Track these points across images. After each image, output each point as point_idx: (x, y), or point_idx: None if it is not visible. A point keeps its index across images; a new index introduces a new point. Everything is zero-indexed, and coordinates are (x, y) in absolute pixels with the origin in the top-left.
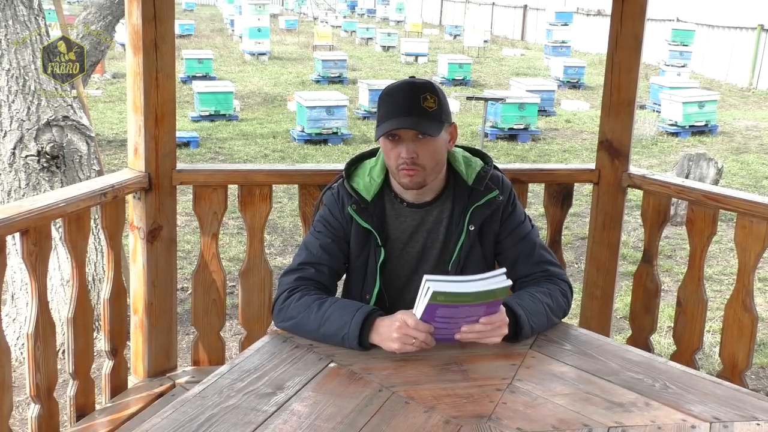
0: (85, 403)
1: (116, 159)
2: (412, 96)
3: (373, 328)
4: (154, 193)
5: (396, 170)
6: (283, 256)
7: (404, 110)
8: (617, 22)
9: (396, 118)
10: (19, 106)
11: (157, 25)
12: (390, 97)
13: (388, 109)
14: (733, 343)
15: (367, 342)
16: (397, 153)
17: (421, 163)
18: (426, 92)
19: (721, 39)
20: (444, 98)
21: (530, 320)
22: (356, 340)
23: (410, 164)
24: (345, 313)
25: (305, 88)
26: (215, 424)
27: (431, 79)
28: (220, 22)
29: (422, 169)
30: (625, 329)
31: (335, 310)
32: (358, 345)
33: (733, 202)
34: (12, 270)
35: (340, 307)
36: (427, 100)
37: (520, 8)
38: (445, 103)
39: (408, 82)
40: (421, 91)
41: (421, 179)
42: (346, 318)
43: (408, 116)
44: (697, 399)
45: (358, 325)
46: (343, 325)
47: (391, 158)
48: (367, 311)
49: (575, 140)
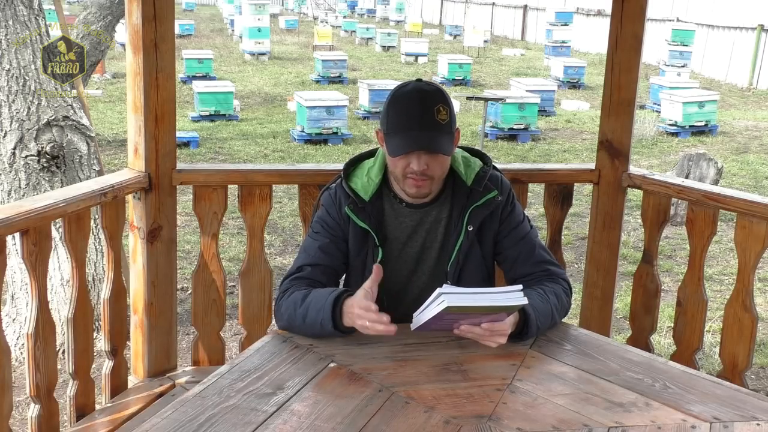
0: (85, 403)
1: (116, 159)
2: (426, 108)
3: (343, 308)
4: (154, 193)
5: (402, 178)
6: (283, 256)
7: (417, 124)
8: (617, 22)
9: (409, 131)
10: (20, 106)
11: (157, 25)
12: (401, 105)
13: (399, 119)
14: (733, 343)
15: (341, 324)
16: (406, 163)
17: (431, 174)
18: (438, 103)
19: (721, 39)
20: (452, 106)
21: (538, 320)
22: (330, 323)
23: (419, 175)
24: (320, 299)
25: (305, 88)
26: (215, 424)
27: (431, 80)
28: (220, 22)
29: (431, 180)
30: (625, 329)
31: (312, 299)
32: (334, 329)
33: (733, 202)
34: (12, 270)
35: (316, 295)
36: (440, 112)
37: (520, 8)
38: (453, 110)
39: (420, 90)
40: (433, 101)
41: (427, 190)
42: (320, 303)
43: (422, 131)
44: (697, 399)
45: (329, 308)
46: (318, 311)
47: (399, 167)
48: (336, 295)
49: (575, 140)
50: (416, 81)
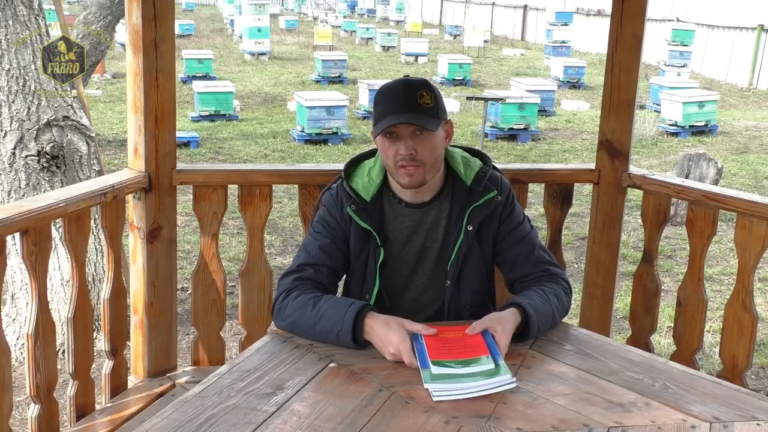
0: (85, 403)
1: (116, 159)
2: (408, 93)
3: (366, 324)
4: (154, 193)
5: (395, 169)
6: (283, 256)
7: (401, 107)
8: (617, 22)
9: (393, 115)
10: (20, 106)
11: (157, 25)
12: (385, 95)
13: (384, 107)
14: (733, 343)
15: (361, 338)
16: (395, 150)
17: (420, 158)
18: (422, 89)
19: (721, 39)
20: (439, 95)
21: (539, 321)
22: (350, 336)
23: (409, 160)
24: (338, 309)
25: (305, 88)
26: (215, 424)
27: (431, 80)
28: (220, 22)
29: (422, 166)
30: (625, 329)
31: (329, 307)
32: (353, 342)
33: (733, 202)
34: (12, 270)
35: (334, 304)
36: (424, 96)
37: (520, 8)
38: (440, 99)
39: (403, 81)
40: (416, 88)
41: (420, 177)
42: (339, 314)
43: (405, 113)
44: (697, 399)
45: (350, 321)
46: (336, 322)
47: (390, 156)
48: (359, 307)
49: (575, 140)
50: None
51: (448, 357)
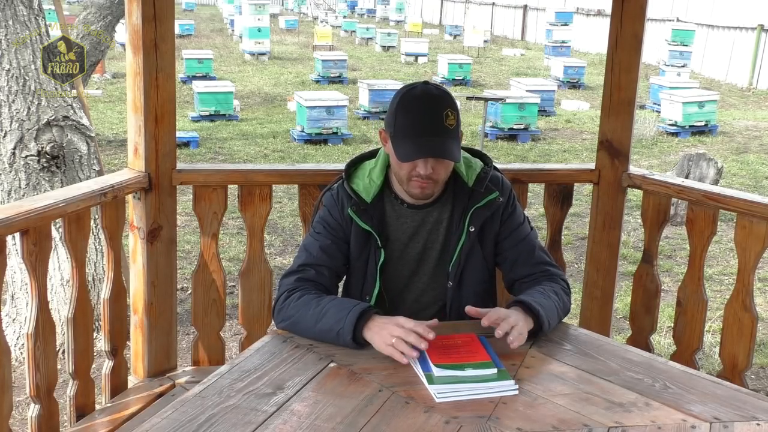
0: (85, 403)
1: (116, 159)
2: (435, 113)
3: (367, 326)
4: (154, 193)
5: (406, 180)
6: (283, 256)
7: (427, 130)
8: (617, 22)
9: (419, 138)
10: (20, 106)
11: (157, 25)
12: (410, 110)
13: (408, 124)
14: (733, 343)
15: (361, 338)
16: (412, 167)
17: (436, 178)
18: (447, 108)
19: (721, 39)
20: (458, 109)
21: (548, 318)
22: (350, 335)
23: (425, 179)
24: (341, 309)
25: (305, 88)
26: (215, 424)
27: (431, 80)
28: (220, 22)
29: (436, 183)
30: (625, 329)
31: (332, 306)
32: (352, 341)
33: (733, 202)
34: (12, 270)
35: (337, 304)
36: (449, 117)
37: (520, 8)
38: (459, 114)
39: (428, 94)
40: (442, 106)
41: (431, 191)
42: (342, 314)
43: (431, 137)
44: (697, 399)
45: (352, 321)
46: (338, 321)
47: (404, 169)
48: (363, 308)
49: (575, 140)
50: (423, 84)
51: (450, 360)
